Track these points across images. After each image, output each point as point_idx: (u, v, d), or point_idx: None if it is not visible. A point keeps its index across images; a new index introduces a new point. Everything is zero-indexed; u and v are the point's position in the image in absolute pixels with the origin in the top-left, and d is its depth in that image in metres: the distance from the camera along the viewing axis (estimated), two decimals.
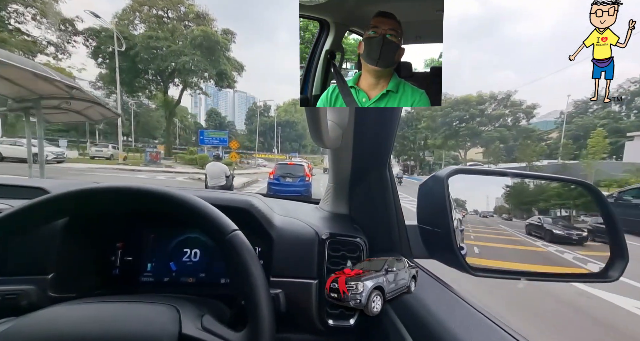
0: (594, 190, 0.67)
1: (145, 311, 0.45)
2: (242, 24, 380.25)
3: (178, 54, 26.21)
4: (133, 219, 0.77)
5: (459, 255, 0.60)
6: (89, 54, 26.16)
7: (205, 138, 18.86)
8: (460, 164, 28.58)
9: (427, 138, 41.35)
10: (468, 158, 40.44)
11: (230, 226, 0.47)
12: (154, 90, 31.21)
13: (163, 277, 0.75)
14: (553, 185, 0.74)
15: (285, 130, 72.72)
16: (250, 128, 70.58)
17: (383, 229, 0.83)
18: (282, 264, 0.69)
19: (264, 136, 68.65)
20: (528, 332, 0.46)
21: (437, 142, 38.18)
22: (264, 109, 72.78)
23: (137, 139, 45.50)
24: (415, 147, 45.34)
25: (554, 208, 0.70)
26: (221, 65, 28.01)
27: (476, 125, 36.43)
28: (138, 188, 0.49)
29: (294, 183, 8.43)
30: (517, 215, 0.69)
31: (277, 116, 73.65)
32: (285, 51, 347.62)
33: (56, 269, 0.63)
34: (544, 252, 0.65)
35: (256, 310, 0.42)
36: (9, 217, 0.44)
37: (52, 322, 0.42)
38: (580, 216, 0.70)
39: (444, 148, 38.53)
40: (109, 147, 25.07)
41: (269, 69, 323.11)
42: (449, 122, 36.61)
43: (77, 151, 26.22)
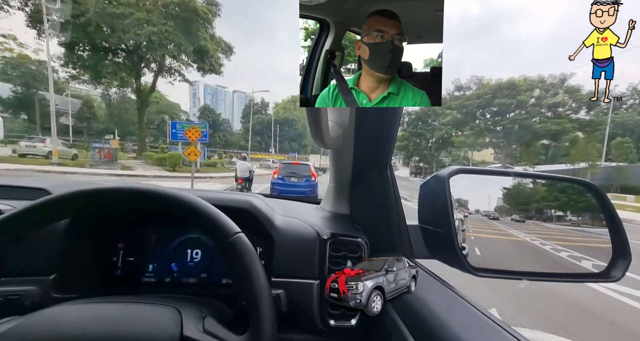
0: (596, 190, 0.67)
1: (147, 312, 0.45)
2: (242, 24, 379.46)
3: (144, 22, 19.14)
4: (134, 220, 0.77)
5: (460, 255, 0.60)
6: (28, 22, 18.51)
7: (179, 132, 14.11)
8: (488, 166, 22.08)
9: (449, 136, 35.60)
10: (479, 159, 36.11)
11: (233, 229, 0.47)
12: (126, 76, 23.65)
13: (164, 278, 0.75)
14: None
15: (284, 129, 66.41)
16: (246, 126, 64.94)
17: (384, 229, 0.83)
18: (283, 264, 0.69)
19: (261, 135, 64.55)
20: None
21: (466, 140, 32.14)
22: (262, 106, 67.66)
23: (123, 136, 40.64)
24: (430, 146, 39.66)
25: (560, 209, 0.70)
26: (200, 40, 21.00)
27: (524, 116, 28.03)
28: (141, 189, 0.49)
29: (299, 183, 8.13)
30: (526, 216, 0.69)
31: (275, 113, 68.20)
32: (285, 51, 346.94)
33: (58, 270, 0.63)
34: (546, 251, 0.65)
35: (258, 313, 0.42)
36: (12, 219, 0.44)
37: (54, 322, 0.42)
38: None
39: (473, 146, 32.61)
40: (45, 141, 17.60)
41: (269, 68, 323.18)
42: (484, 113, 29.53)
43: (12, 147, 18.87)
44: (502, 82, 30.47)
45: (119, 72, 23.11)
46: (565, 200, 0.72)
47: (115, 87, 26.63)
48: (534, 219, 0.69)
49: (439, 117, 36.40)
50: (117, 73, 23.16)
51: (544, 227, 0.68)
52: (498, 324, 0.49)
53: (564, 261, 0.65)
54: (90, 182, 0.68)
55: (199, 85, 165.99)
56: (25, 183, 0.89)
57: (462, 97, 33.87)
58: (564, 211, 0.72)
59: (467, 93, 34.49)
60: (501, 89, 29.55)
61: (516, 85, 29.51)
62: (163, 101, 49.01)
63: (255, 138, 61.86)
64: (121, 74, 23.38)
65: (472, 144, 32.35)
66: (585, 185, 0.68)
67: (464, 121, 33.62)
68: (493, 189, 0.70)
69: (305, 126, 24.82)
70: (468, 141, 32.42)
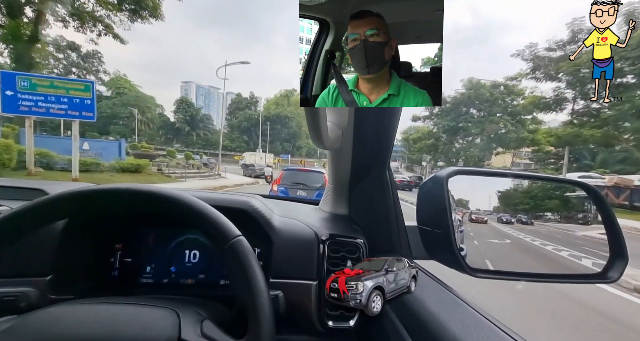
0: (593, 191, 0.67)
1: (144, 315, 0.45)
2: (237, 27, 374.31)
3: None
4: (132, 220, 0.76)
5: (459, 255, 0.60)
6: None
7: (20, 95, 7.23)
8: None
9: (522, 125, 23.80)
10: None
11: (233, 232, 0.47)
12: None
13: (162, 279, 0.75)
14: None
15: (276, 127, 55.15)
16: (232, 123, 55.86)
17: (383, 230, 0.82)
18: (281, 265, 0.69)
19: (248, 133, 53.83)
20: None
21: (587, 133, 14.58)
22: (250, 102, 55.69)
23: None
24: (478, 143, 28.52)
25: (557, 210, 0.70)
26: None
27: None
28: (139, 190, 0.49)
29: (308, 198, 5.41)
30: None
31: (266, 109, 56.33)
32: (283, 53, 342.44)
33: (55, 271, 0.62)
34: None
35: (257, 317, 0.42)
36: (8, 219, 0.44)
37: (50, 322, 0.41)
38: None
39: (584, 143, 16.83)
40: None
41: (266, 71, 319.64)
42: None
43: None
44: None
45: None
46: (563, 201, 0.73)
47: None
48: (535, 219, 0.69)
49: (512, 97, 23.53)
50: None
51: (544, 227, 0.68)
52: (496, 325, 0.49)
53: (564, 261, 0.65)
54: (90, 183, 0.68)
55: (191, 86, 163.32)
56: (22, 183, 0.89)
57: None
58: (560, 212, 0.72)
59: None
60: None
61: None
62: (133, 91, 42.70)
63: (242, 137, 53.96)
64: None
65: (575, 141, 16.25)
66: (583, 187, 0.68)
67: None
68: (492, 190, 0.70)
69: (301, 124, 23.75)
70: (584, 134, 15.18)
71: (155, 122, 46.38)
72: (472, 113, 28.74)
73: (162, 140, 48.74)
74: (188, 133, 50.42)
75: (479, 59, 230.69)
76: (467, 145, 30.68)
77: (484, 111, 27.65)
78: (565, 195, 0.73)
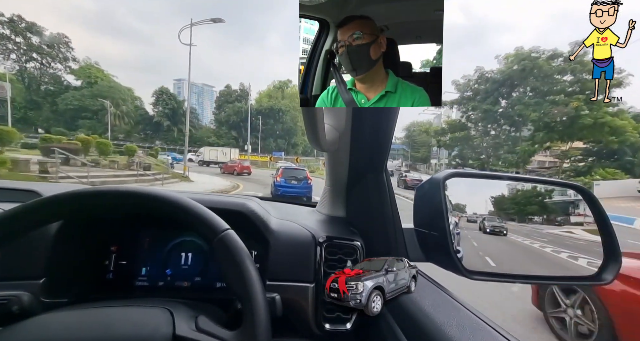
0: (587, 193, 0.67)
1: (137, 315, 0.44)
2: (233, 28, 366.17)
3: None
4: (127, 223, 0.75)
5: (455, 258, 0.60)
6: None
7: None
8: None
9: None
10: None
11: (221, 225, 0.46)
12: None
13: (158, 281, 0.74)
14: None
15: (269, 122, 47.11)
16: (219, 118, 49.04)
17: (380, 232, 0.82)
18: (278, 268, 0.69)
19: (237, 129, 45.90)
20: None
21: None
22: (241, 95, 47.37)
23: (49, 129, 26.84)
24: (528, 136, 20.60)
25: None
26: None
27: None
28: (128, 191, 0.48)
29: (298, 185, 9.74)
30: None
31: (257, 101, 49.56)
32: (280, 54, 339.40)
33: (48, 274, 0.61)
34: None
35: (251, 307, 0.42)
36: (1, 221, 0.43)
37: (43, 329, 0.41)
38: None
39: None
40: None
41: (261, 70, 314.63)
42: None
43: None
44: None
45: None
46: (555, 203, 0.73)
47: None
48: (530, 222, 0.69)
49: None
50: None
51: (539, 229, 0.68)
52: (492, 327, 0.49)
53: (560, 261, 0.66)
54: (83, 185, 0.66)
55: (184, 83, 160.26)
56: (16, 185, 0.87)
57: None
58: (554, 214, 0.72)
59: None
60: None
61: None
62: (105, 81, 36.52)
63: (230, 132, 46.39)
64: None
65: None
66: (577, 189, 0.69)
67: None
68: (490, 192, 0.70)
69: (296, 119, 23.29)
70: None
71: (131, 116, 39.84)
72: (522, 93, 21.39)
73: (141, 137, 41.60)
74: (168, 128, 41.89)
75: (473, 60, 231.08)
76: (509, 138, 22.14)
77: (542, 89, 20.26)
78: (559, 197, 0.73)
